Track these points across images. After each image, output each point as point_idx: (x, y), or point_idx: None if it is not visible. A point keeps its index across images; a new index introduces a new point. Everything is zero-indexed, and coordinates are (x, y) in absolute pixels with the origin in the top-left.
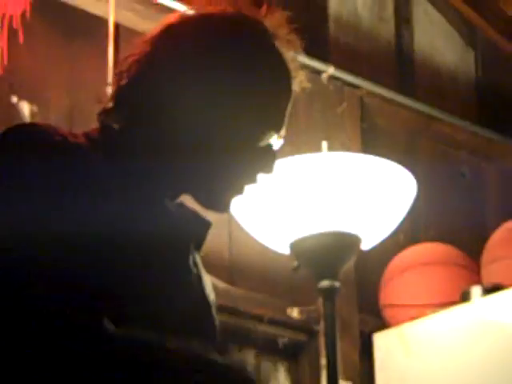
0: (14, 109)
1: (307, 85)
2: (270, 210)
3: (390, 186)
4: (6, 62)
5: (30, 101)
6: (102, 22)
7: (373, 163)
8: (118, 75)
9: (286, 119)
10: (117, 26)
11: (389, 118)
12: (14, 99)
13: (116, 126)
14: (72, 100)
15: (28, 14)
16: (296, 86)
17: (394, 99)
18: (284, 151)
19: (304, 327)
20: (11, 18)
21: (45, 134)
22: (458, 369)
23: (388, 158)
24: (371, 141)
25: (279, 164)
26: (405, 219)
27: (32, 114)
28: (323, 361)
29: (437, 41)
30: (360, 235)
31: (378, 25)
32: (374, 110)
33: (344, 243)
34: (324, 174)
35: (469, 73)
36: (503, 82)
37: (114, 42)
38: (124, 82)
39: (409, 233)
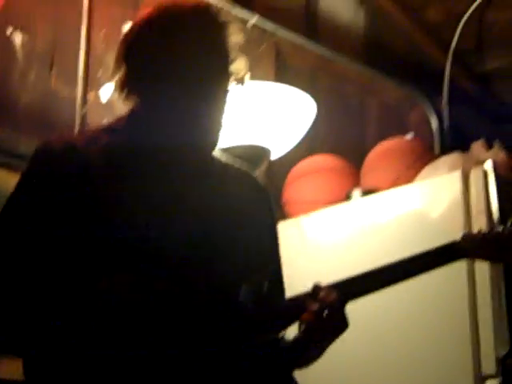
0: (10, 37)
1: (240, 38)
2: None
3: (295, 108)
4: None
5: (22, 31)
6: None
7: (282, 90)
8: (116, 64)
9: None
10: None
11: (297, 59)
12: (10, 30)
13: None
14: (54, 33)
15: None
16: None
17: (301, 45)
18: None
19: None
20: None
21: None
22: (340, 252)
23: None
24: (282, 76)
25: None
26: (305, 136)
27: (23, 43)
28: None
29: (337, 1)
30: (269, 148)
31: None
32: (286, 52)
33: (256, 153)
34: (244, 98)
35: (360, 27)
36: (385, 35)
37: None
38: (121, 69)
39: (308, 147)
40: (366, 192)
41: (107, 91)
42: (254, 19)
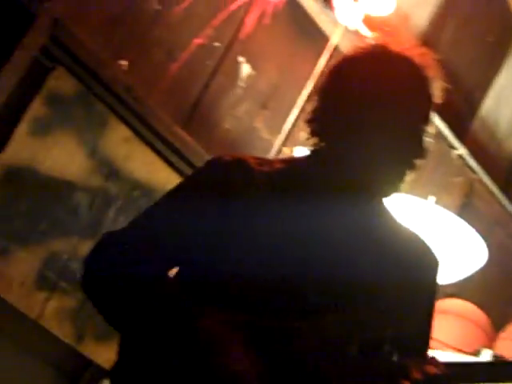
0: (238, 65)
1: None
2: None
3: (467, 248)
4: (248, 31)
5: (251, 66)
6: (324, 36)
7: (465, 228)
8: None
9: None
10: (336, 47)
11: (484, 204)
12: (240, 59)
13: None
14: (278, 78)
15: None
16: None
17: (495, 195)
18: (404, 189)
19: None
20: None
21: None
22: None
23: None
24: (465, 212)
25: (402, 196)
26: None
27: (247, 76)
28: None
29: None
30: None
31: (509, 139)
32: (478, 193)
33: None
34: (427, 219)
35: None
36: None
37: (329, 57)
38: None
39: (457, 286)
40: (497, 357)
41: (301, 153)
42: (461, 150)
